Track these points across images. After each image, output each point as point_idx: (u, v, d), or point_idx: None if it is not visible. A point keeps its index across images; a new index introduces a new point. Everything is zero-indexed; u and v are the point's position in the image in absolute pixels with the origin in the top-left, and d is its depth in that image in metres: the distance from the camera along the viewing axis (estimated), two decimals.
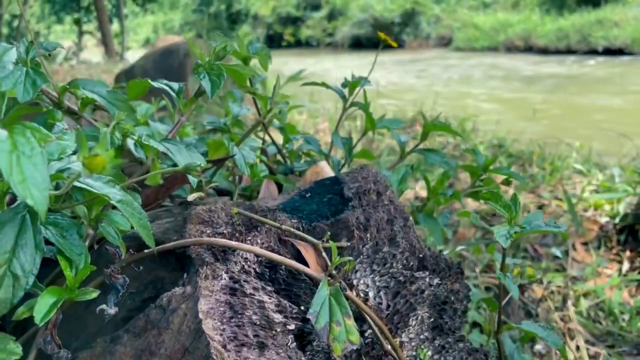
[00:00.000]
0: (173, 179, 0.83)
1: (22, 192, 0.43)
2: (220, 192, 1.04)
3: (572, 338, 1.39)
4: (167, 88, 0.85)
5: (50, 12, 17.45)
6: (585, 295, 1.41)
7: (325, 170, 0.90)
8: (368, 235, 0.74)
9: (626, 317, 1.36)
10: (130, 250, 0.65)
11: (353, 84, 1.14)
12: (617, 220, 1.82)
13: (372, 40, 22.99)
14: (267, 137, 1.17)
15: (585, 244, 1.76)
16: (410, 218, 0.81)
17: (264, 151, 1.14)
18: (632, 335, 1.36)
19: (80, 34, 10.73)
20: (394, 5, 22.40)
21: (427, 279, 0.79)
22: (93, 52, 11.25)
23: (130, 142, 0.77)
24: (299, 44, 26.84)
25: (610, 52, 15.33)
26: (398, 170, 0.90)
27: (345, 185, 0.72)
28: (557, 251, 1.71)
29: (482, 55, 18.19)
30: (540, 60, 15.26)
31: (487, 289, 1.49)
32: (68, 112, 0.84)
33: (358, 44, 23.89)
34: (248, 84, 0.99)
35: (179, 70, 3.55)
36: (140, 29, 37.35)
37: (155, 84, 0.85)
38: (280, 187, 0.98)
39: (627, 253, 1.65)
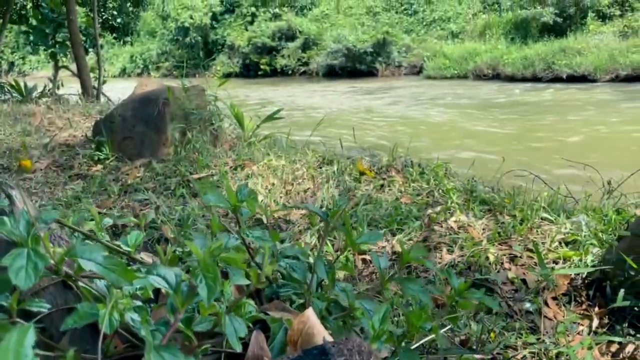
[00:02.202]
0: None
1: None
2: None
3: None
4: (164, 285, 0.82)
5: (26, 42, 17.25)
6: (558, 356, 1.48)
7: (312, 320, 0.93)
8: None
9: None
10: None
11: (333, 212, 1.20)
12: (584, 274, 1.91)
13: (345, 69, 23.42)
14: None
15: (556, 298, 1.84)
16: None
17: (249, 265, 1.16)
18: None
19: (57, 68, 10.66)
20: (366, 35, 22.91)
21: None
22: (69, 82, 11.17)
23: (128, 317, 0.77)
24: (275, 73, 27.12)
25: (574, 79, 15.93)
26: (379, 309, 0.95)
27: (332, 357, 0.76)
28: (530, 307, 1.78)
29: (452, 82, 18.69)
30: (507, 88, 15.74)
31: None
32: (66, 276, 0.85)
33: (332, 73, 24.27)
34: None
35: (158, 118, 3.59)
36: (117, 58, 37.22)
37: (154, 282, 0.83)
38: (266, 326, 0.99)
39: (596, 309, 1.73)
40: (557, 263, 2.08)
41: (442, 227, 2.38)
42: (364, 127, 10.60)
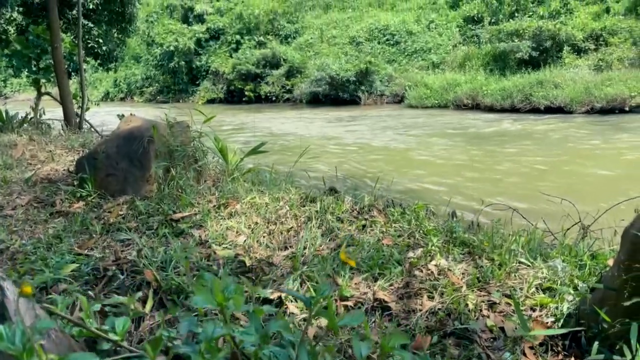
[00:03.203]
0: None
1: None
2: None
3: None
4: None
5: (8, 65, 17.19)
6: None
7: None
8: None
9: None
10: None
11: (316, 300, 1.22)
12: (560, 322, 1.96)
13: (329, 96, 23.70)
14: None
15: (533, 347, 1.88)
16: None
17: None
18: None
19: (39, 95, 10.62)
20: (349, 64, 23.28)
21: None
22: (51, 106, 11.09)
23: None
24: (259, 99, 27.33)
25: (551, 110, 16.36)
26: None
27: None
28: (508, 357, 1.82)
29: (433, 112, 19.03)
30: (486, 118, 16.08)
31: None
32: None
33: (316, 100, 24.55)
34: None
35: (142, 155, 3.60)
36: (100, 83, 37.16)
37: None
38: None
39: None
40: (534, 310, 2.13)
41: (422, 272, 2.42)
42: (346, 156, 10.71)
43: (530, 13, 21.58)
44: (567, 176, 8.30)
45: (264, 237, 3.05)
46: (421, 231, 3.01)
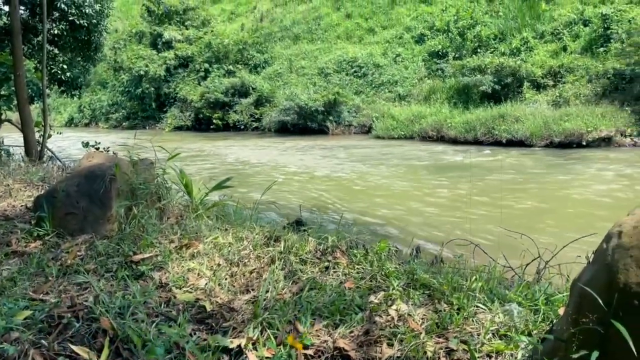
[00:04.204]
0: None
1: None
2: None
3: None
4: None
5: None
6: None
7: None
8: None
9: None
10: None
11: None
12: None
13: (297, 126, 23.90)
14: None
15: None
16: None
17: None
18: None
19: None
20: (318, 95, 23.60)
21: None
22: (11, 131, 10.82)
23: None
24: (227, 128, 27.32)
25: (513, 143, 16.90)
26: None
27: None
28: None
29: (399, 143, 19.40)
30: (451, 149, 16.49)
31: None
32: None
33: (284, 129, 24.72)
34: None
35: (103, 194, 3.55)
36: (64, 108, 36.49)
37: None
38: None
39: None
40: (490, 357, 2.17)
41: (382, 318, 2.45)
42: (314, 186, 10.77)
43: (492, 49, 22.45)
44: (526, 209, 8.54)
45: (226, 279, 3.02)
46: (383, 273, 3.05)
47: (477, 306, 2.59)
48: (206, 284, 2.93)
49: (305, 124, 23.60)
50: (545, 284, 3.43)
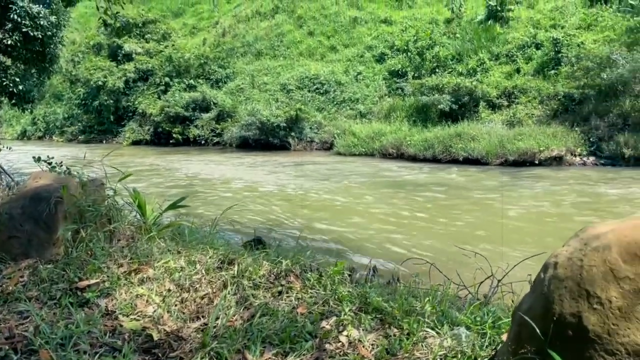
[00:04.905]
0: None
1: None
2: None
3: None
4: None
5: None
6: None
7: None
8: None
9: None
10: None
11: None
12: None
13: (259, 141, 23.83)
14: None
15: None
16: None
17: None
18: None
19: None
20: (280, 111, 23.64)
21: None
22: None
23: None
24: (187, 142, 26.96)
25: (470, 161, 17.33)
26: None
27: None
28: None
29: (360, 159, 19.61)
30: (409, 167, 16.76)
31: None
32: None
33: (246, 145, 24.60)
34: None
35: (49, 217, 3.43)
36: (17, 120, 35.21)
37: None
38: None
39: None
40: None
41: (332, 345, 2.44)
42: (274, 202, 10.71)
43: (450, 70, 23.08)
44: (481, 226, 8.74)
45: (175, 305, 2.96)
46: (336, 297, 3.05)
47: (426, 330, 2.62)
48: (155, 311, 2.86)
49: (267, 140, 23.57)
50: (494, 306, 3.50)
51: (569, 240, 1.74)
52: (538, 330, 1.62)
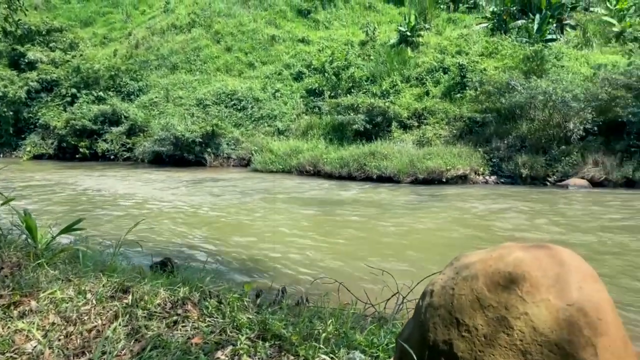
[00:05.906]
0: None
1: None
2: None
3: None
4: None
5: None
6: None
7: None
8: None
9: None
10: None
11: None
12: None
13: (173, 157, 23.14)
14: None
15: None
16: None
17: None
18: None
19: None
20: (196, 126, 23.15)
21: None
22: None
23: None
24: (95, 157, 25.60)
25: (383, 179, 17.90)
26: None
27: None
28: None
29: (277, 176, 19.61)
30: (324, 184, 17.01)
31: None
32: None
33: (159, 160, 23.80)
34: None
35: None
36: None
37: None
38: None
39: None
40: None
41: None
42: (184, 221, 10.38)
43: (365, 90, 23.84)
44: (388, 244, 9.00)
45: (59, 340, 2.75)
46: (234, 325, 2.98)
47: (322, 357, 2.63)
48: (35, 347, 2.64)
49: (182, 155, 22.94)
50: (396, 324, 3.59)
51: (445, 268, 1.83)
52: (415, 358, 1.67)
